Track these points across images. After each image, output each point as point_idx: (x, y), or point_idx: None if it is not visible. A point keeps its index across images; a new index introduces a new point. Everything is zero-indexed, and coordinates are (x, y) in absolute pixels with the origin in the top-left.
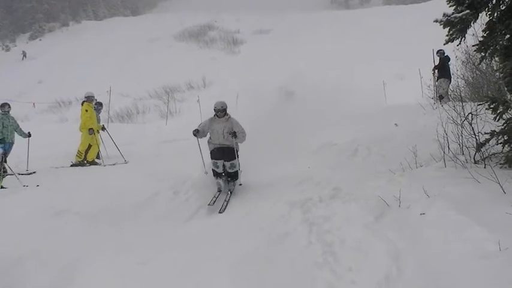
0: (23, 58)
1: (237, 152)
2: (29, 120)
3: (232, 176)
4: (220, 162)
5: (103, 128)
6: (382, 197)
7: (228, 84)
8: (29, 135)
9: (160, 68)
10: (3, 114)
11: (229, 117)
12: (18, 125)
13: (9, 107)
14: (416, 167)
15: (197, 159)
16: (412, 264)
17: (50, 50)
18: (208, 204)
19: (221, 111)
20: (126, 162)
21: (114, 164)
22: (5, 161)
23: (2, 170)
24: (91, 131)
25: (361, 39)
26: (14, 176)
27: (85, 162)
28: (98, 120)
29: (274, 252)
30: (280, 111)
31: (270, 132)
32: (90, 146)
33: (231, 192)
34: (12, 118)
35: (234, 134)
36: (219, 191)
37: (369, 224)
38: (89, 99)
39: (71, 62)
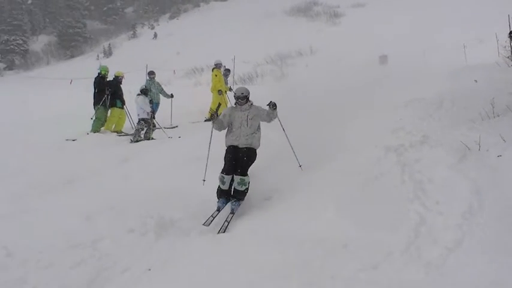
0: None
1: (256, 151)
2: (170, 84)
3: (238, 195)
4: (228, 178)
5: (230, 89)
6: (464, 142)
7: (330, 52)
8: (172, 96)
9: (275, 38)
10: (149, 80)
11: (252, 103)
12: (162, 88)
13: (154, 74)
14: (494, 117)
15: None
16: (491, 198)
17: (186, 27)
18: (203, 224)
19: (241, 99)
20: None
21: None
22: (154, 118)
23: (152, 124)
24: (220, 92)
25: (446, 5)
26: (161, 129)
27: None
28: (226, 83)
29: (373, 189)
30: (376, 72)
31: (368, 89)
32: (219, 105)
33: (233, 214)
34: (158, 83)
35: (274, 105)
36: (218, 210)
37: (453, 165)
38: (217, 66)
39: (202, 36)
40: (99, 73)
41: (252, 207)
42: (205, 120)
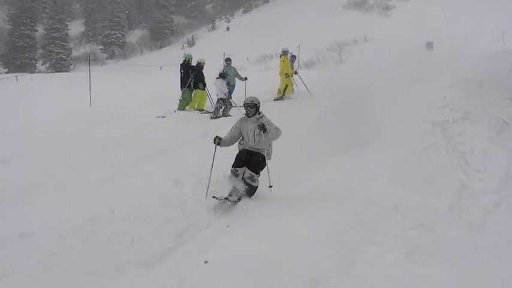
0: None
1: (265, 159)
2: (244, 69)
3: (249, 186)
4: (241, 170)
5: (295, 73)
6: (502, 117)
7: (382, 40)
8: (246, 79)
9: (333, 29)
10: (227, 65)
11: (261, 116)
12: (237, 72)
13: (231, 60)
14: None
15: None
16: None
17: (257, 20)
18: (213, 197)
19: (251, 107)
20: (311, 95)
21: (302, 98)
22: (230, 97)
23: (229, 103)
24: (287, 75)
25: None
26: (236, 107)
27: (283, 97)
28: (292, 68)
29: (421, 158)
30: (422, 56)
31: (416, 71)
32: (286, 86)
33: (239, 200)
34: (234, 68)
35: (262, 127)
36: (230, 194)
37: (491, 137)
38: (285, 52)
39: (271, 27)
40: (184, 60)
41: (317, 170)
42: (274, 99)
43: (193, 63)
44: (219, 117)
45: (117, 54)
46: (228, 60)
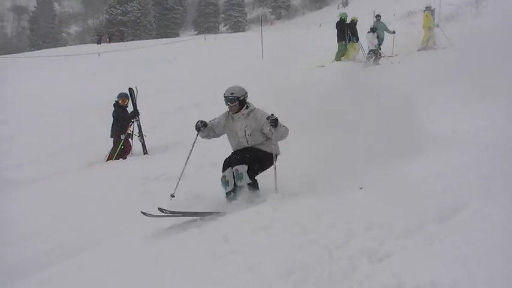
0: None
1: (272, 157)
2: (391, 24)
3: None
4: (229, 173)
5: (437, 26)
6: None
7: None
8: (394, 32)
9: None
10: (376, 21)
11: (251, 110)
12: (386, 26)
13: (380, 16)
14: None
15: None
16: None
17: None
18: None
19: (231, 101)
20: (452, 45)
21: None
22: (380, 49)
23: (378, 54)
24: (430, 28)
25: None
26: (385, 58)
27: (426, 47)
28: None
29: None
30: None
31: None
32: (429, 38)
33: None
34: (383, 23)
35: (274, 122)
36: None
37: None
38: (428, 8)
39: None
40: (340, 18)
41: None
42: (418, 50)
43: (348, 20)
44: (369, 66)
45: (283, 16)
46: (378, 16)
